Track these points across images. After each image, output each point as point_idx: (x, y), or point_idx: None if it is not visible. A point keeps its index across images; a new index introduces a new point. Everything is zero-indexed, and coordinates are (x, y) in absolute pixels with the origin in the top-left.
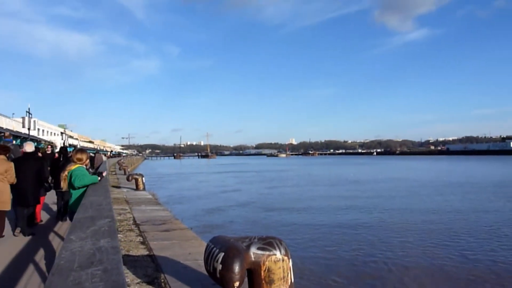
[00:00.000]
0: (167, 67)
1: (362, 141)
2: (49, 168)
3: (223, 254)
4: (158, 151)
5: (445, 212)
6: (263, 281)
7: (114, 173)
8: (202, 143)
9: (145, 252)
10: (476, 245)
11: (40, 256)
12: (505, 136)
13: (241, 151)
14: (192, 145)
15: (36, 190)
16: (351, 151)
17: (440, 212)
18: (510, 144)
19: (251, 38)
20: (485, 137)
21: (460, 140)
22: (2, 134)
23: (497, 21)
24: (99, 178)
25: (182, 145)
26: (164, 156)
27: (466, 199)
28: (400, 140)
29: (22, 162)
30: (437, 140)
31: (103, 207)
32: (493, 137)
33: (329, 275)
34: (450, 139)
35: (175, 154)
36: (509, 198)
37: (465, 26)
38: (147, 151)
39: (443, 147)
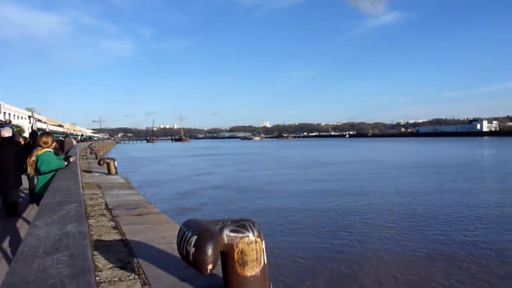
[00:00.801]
0: (139, 49)
1: (335, 123)
2: None
3: (196, 237)
4: (130, 134)
5: (408, 192)
6: (237, 263)
7: (85, 157)
8: (175, 127)
9: (118, 237)
10: (435, 224)
11: (6, 243)
12: (472, 119)
13: (215, 134)
14: (165, 128)
15: (17, 174)
16: (324, 133)
17: (403, 192)
18: (476, 126)
19: (227, 20)
20: (453, 119)
21: (429, 122)
22: None
23: (467, 5)
24: (66, 163)
25: (155, 129)
26: (136, 140)
27: (429, 180)
28: (372, 122)
29: (1, 146)
30: (407, 122)
31: (71, 192)
32: (461, 119)
33: (299, 255)
34: (420, 121)
35: (148, 138)
36: (468, 178)
37: (436, 10)
38: (119, 135)
39: (413, 129)
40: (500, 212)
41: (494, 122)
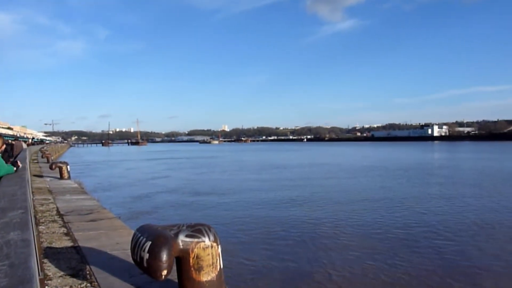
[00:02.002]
0: (94, 50)
1: (294, 128)
2: None
3: (150, 242)
4: (85, 138)
5: (354, 193)
6: (192, 268)
7: (35, 161)
8: (132, 130)
9: (70, 244)
10: (376, 222)
11: None
12: (423, 124)
13: (173, 138)
14: (121, 131)
15: None
16: (283, 137)
17: (349, 192)
18: (428, 131)
19: (185, 22)
20: (406, 124)
21: (384, 127)
22: None
23: (419, 15)
24: (15, 168)
25: (111, 132)
26: (91, 144)
27: (374, 182)
28: (329, 127)
29: None
30: (363, 127)
31: (17, 198)
32: (414, 124)
33: (253, 257)
34: (375, 126)
35: (103, 141)
36: (411, 180)
37: (389, 19)
38: (73, 138)
39: (368, 134)
40: (428, 211)
41: (444, 127)
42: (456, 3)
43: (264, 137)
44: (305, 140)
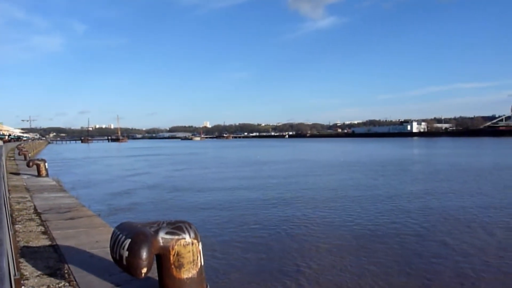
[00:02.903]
0: (72, 45)
1: (275, 124)
2: None
3: (129, 240)
4: (63, 134)
5: (328, 189)
6: (172, 266)
7: (12, 158)
8: (112, 126)
9: (47, 243)
10: (350, 215)
11: None
12: (403, 120)
13: (154, 135)
14: (101, 128)
15: None
16: (264, 134)
17: (324, 189)
18: (407, 127)
19: (165, 18)
20: (386, 120)
21: (364, 124)
22: None
23: (398, 13)
24: None
25: (91, 128)
26: (70, 140)
27: (349, 178)
28: (311, 123)
29: None
30: (344, 123)
31: None
32: (393, 120)
33: (234, 253)
34: (356, 122)
35: (82, 138)
36: (385, 176)
37: (370, 16)
38: (51, 135)
39: (349, 130)
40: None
41: (423, 123)
42: (434, 0)
43: (246, 133)
44: (287, 136)
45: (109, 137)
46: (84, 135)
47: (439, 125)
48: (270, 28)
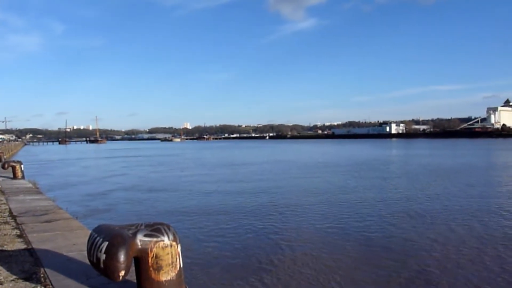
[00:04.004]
0: (50, 45)
1: (256, 125)
2: None
3: (107, 243)
4: (40, 136)
5: (302, 188)
6: (151, 268)
7: None
8: (91, 128)
9: (23, 246)
10: (327, 216)
11: None
12: (382, 121)
13: (133, 136)
14: (79, 129)
15: None
16: (245, 135)
17: (298, 188)
18: (386, 128)
19: (145, 18)
20: (365, 122)
21: (344, 125)
22: None
23: (378, 16)
24: None
25: (68, 130)
26: (47, 142)
27: (324, 178)
28: (291, 124)
29: None
30: (324, 124)
31: None
32: (373, 122)
33: (212, 255)
34: (336, 123)
35: (60, 139)
36: (359, 176)
37: (350, 19)
38: (28, 136)
39: (329, 131)
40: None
41: (401, 124)
42: (413, 4)
43: (226, 134)
44: (267, 137)
45: (88, 139)
46: (61, 137)
47: (417, 126)
48: (251, 29)
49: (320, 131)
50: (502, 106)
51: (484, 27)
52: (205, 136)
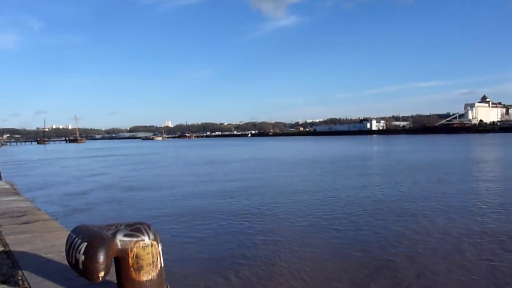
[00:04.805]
0: (27, 42)
1: (238, 123)
2: None
3: (86, 244)
4: (18, 136)
5: (279, 185)
6: (131, 268)
7: None
8: (70, 127)
9: (0, 249)
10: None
11: None
12: (362, 118)
13: (114, 135)
14: (58, 129)
15: None
16: (227, 133)
17: (276, 185)
18: (367, 125)
19: (125, 15)
20: (346, 119)
21: (325, 122)
22: None
23: (359, 13)
24: None
25: (47, 129)
26: (25, 142)
27: (302, 175)
28: (273, 122)
29: None
30: (305, 122)
31: None
32: (353, 119)
33: (192, 254)
34: (317, 121)
35: (38, 139)
36: (336, 172)
37: (331, 16)
38: (5, 136)
39: (311, 128)
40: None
41: (382, 121)
42: (394, 2)
43: (208, 132)
44: (250, 135)
45: (67, 138)
46: (40, 136)
47: (397, 123)
48: (233, 26)
49: (302, 128)
50: (479, 102)
51: (462, 25)
52: (187, 135)
